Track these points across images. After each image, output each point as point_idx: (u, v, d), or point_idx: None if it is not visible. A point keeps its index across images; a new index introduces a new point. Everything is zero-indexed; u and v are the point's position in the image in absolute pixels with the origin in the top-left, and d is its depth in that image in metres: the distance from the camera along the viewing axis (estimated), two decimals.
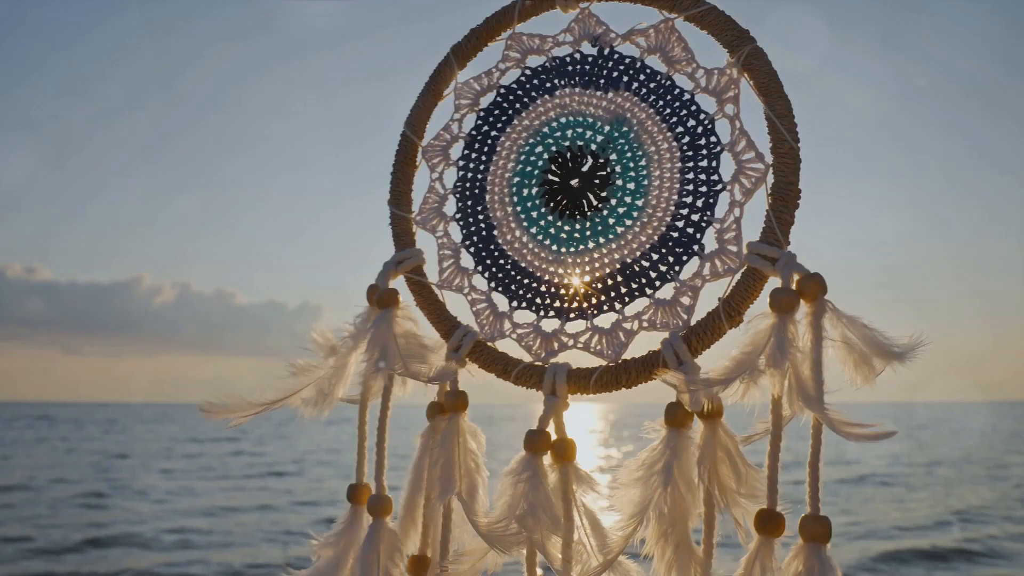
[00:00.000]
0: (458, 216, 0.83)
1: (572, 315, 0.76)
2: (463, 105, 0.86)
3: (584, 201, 0.77)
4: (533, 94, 0.82)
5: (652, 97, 0.76)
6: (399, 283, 0.83)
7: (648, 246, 0.74)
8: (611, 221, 0.75)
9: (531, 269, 0.78)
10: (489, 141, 0.83)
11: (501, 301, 0.79)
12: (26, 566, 7.72)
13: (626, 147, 0.76)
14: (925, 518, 10.90)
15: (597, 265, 0.75)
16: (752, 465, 0.67)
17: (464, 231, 0.82)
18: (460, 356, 0.78)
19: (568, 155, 0.79)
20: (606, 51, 0.80)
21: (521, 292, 0.78)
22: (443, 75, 0.87)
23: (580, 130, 0.79)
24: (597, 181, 0.77)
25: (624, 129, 0.77)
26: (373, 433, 0.82)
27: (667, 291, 0.72)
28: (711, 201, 0.72)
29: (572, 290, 0.76)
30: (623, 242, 0.75)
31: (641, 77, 0.77)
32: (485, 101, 0.85)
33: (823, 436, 0.65)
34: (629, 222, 0.75)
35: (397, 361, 0.77)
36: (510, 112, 0.83)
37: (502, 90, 0.84)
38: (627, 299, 0.74)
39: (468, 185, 0.83)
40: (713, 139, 0.73)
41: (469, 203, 0.83)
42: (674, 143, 0.74)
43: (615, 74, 0.79)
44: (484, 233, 0.81)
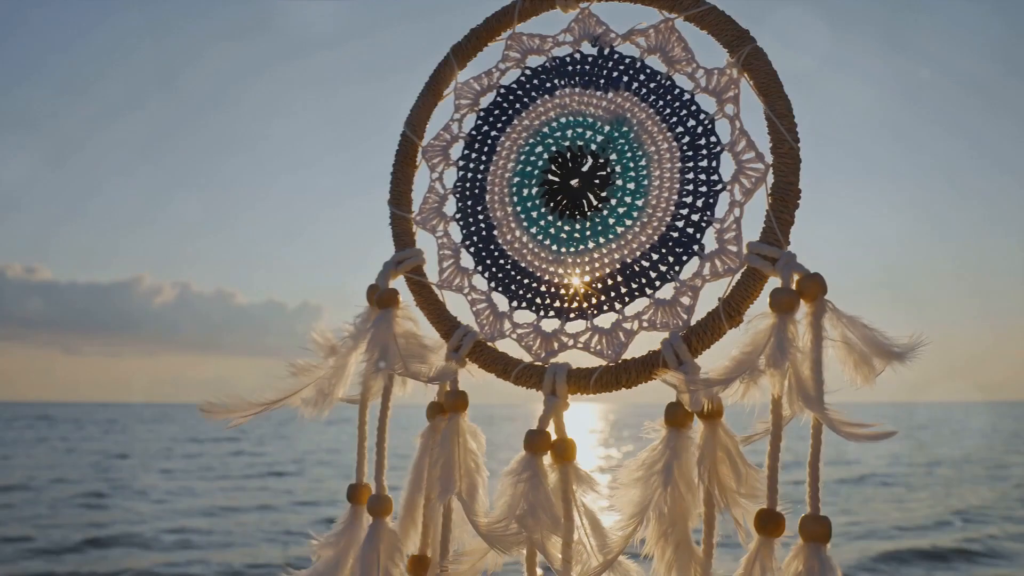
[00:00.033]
0: (458, 216, 0.83)
1: (572, 315, 0.75)
2: (463, 105, 0.86)
3: (584, 201, 0.77)
4: (533, 94, 0.82)
5: (652, 97, 0.76)
6: (399, 283, 0.83)
7: (648, 246, 0.74)
8: (611, 221, 0.75)
9: (531, 269, 0.78)
10: (489, 141, 0.83)
11: (501, 301, 0.79)
12: (26, 566, 7.72)
13: (626, 147, 0.76)
14: (925, 518, 10.89)
15: (597, 265, 0.75)
16: (752, 465, 0.67)
17: (464, 231, 0.82)
18: (460, 356, 0.78)
19: (568, 155, 0.78)
20: (606, 51, 0.80)
21: (521, 292, 0.78)
22: (443, 75, 0.87)
23: (580, 130, 0.79)
24: (597, 181, 0.77)
25: (624, 129, 0.77)
26: (373, 433, 0.82)
27: (667, 291, 0.72)
28: (711, 201, 0.72)
29: (572, 290, 0.76)
30: (623, 242, 0.75)
31: (641, 77, 0.77)
32: (485, 101, 0.85)
33: (823, 436, 0.65)
34: (629, 222, 0.75)
35: (397, 361, 0.77)
36: (510, 112, 0.83)
37: (502, 90, 0.84)
38: (627, 299, 0.74)
39: (468, 185, 0.83)
40: (713, 139, 0.73)
41: (469, 203, 0.83)
42: (674, 143, 0.74)
43: (615, 74, 0.79)
44: (484, 233, 0.81)
